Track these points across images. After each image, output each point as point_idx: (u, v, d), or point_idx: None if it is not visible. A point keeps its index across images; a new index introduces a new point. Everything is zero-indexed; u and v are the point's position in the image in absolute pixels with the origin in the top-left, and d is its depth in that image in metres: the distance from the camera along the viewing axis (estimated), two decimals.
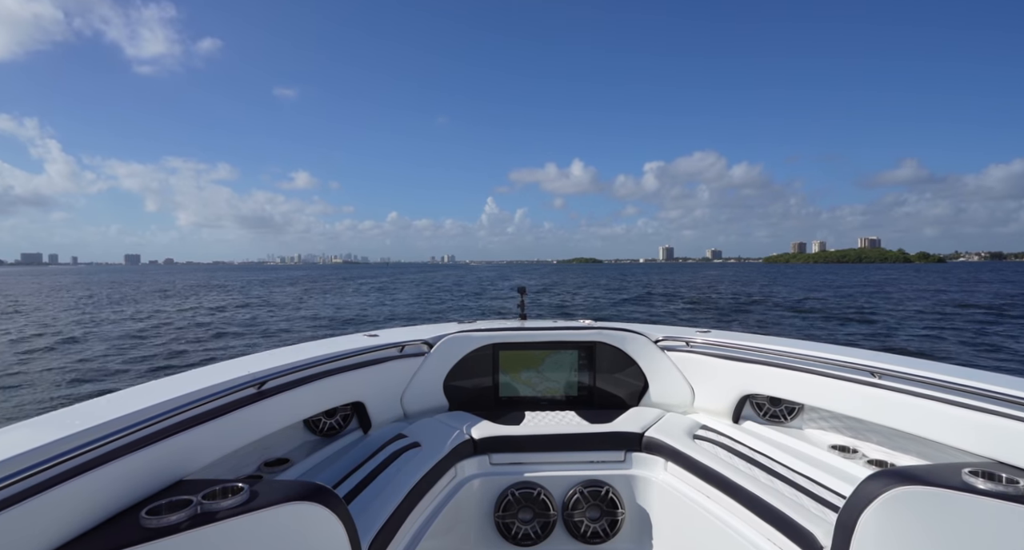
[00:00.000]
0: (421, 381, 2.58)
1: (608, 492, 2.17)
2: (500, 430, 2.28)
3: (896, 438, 1.92)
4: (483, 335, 2.70)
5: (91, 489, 1.09)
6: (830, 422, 2.21)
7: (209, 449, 1.46)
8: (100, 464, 1.12)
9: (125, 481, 1.17)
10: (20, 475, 0.95)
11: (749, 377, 2.36)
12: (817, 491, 1.75)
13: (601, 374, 2.72)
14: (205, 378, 1.61)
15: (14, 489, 0.95)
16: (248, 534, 1.12)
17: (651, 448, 2.23)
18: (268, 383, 1.76)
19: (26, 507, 0.95)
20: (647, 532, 2.17)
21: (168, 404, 1.35)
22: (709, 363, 2.54)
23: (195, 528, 1.05)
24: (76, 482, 1.05)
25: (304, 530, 1.20)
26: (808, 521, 1.51)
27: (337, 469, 1.93)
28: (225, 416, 1.52)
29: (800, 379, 2.13)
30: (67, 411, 1.30)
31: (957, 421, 1.58)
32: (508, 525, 2.14)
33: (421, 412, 2.57)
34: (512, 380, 2.71)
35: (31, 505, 0.96)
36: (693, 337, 2.66)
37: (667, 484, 2.12)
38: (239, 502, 1.14)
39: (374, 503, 1.61)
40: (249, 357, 2.05)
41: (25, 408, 7.96)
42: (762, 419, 2.42)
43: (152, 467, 1.25)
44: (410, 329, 3.02)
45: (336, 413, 2.26)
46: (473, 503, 2.15)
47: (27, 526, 0.95)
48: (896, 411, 1.77)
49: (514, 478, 2.18)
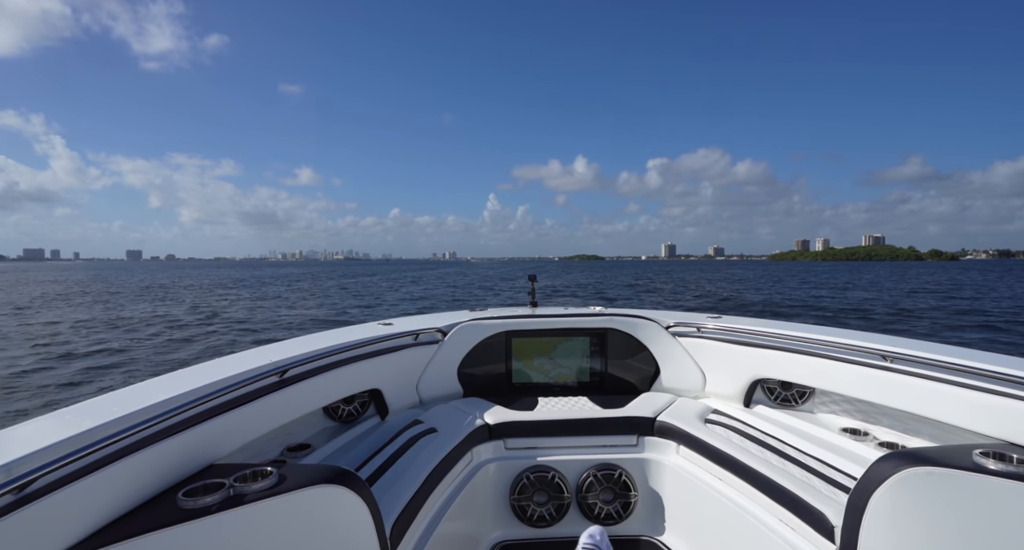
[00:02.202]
0: (436, 368, 2.63)
1: (621, 475, 2.22)
2: (514, 415, 2.32)
3: (908, 421, 1.94)
4: (495, 323, 2.74)
5: (130, 473, 1.14)
6: (841, 405, 2.23)
7: (237, 435, 1.52)
8: (138, 449, 1.17)
9: (161, 465, 1.23)
10: (65, 460, 1.00)
11: (760, 362, 2.37)
12: (828, 473, 1.78)
13: (613, 360, 2.75)
14: (231, 366, 1.66)
15: (60, 473, 1.00)
16: (278, 515, 1.17)
17: (663, 432, 2.26)
18: (290, 371, 1.81)
19: (72, 490, 1.01)
20: (660, 513, 2.22)
21: (198, 392, 1.41)
22: (720, 348, 2.56)
23: (228, 509, 1.10)
24: (116, 466, 1.11)
25: (330, 511, 1.25)
26: (819, 502, 1.54)
27: (357, 454, 1.99)
28: (251, 403, 1.58)
29: (811, 363, 2.15)
30: (104, 398, 1.36)
31: (968, 403, 1.58)
32: (524, 507, 2.19)
33: (436, 398, 2.62)
34: (525, 367, 2.75)
35: (77, 488, 1.02)
36: (704, 323, 2.67)
37: (679, 467, 2.16)
38: (269, 485, 1.19)
39: (394, 486, 1.66)
40: (271, 346, 2.11)
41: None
42: (773, 403, 2.44)
43: (185, 452, 1.31)
44: (424, 317, 3.07)
45: (354, 400, 2.31)
46: (489, 486, 2.20)
47: (74, 508, 1.01)
48: (908, 394, 1.78)
49: (528, 462, 2.23)
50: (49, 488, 0.98)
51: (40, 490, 0.97)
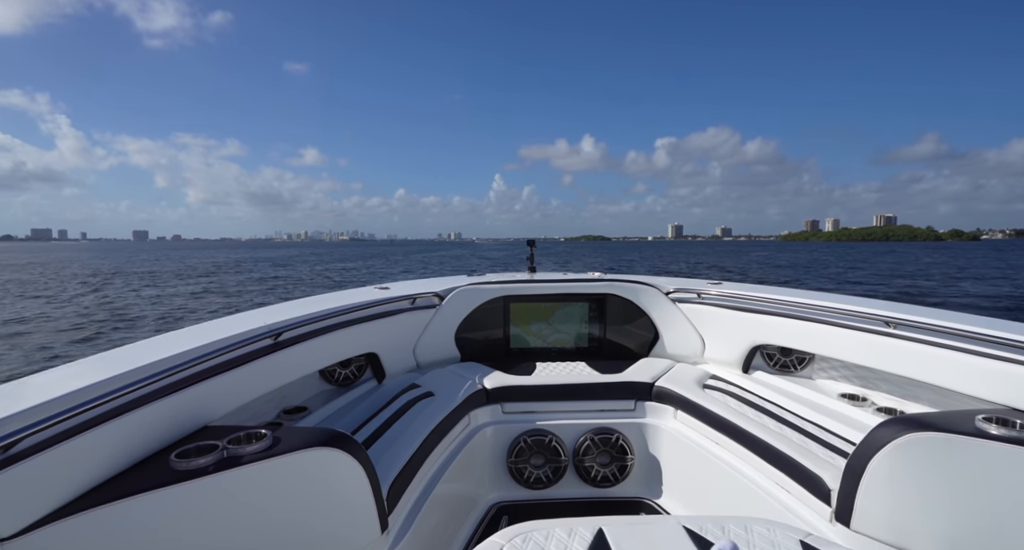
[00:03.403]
0: (433, 333, 2.61)
1: (618, 439, 2.23)
2: (512, 380, 2.32)
3: (908, 386, 1.93)
4: (494, 287, 2.70)
5: (122, 433, 1.12)
6: (841, 371, 2.22)
7: (231, 397, 1.50)
8: (129, 410, 1.15)
9: (154, 426, 1.21)
10: (53, 420, 0.97)
11: (760, 328, 2.36)
12: (826, 438, 1.78)
13: (612, 326, 2.73)
14: (224, 329, 1.63)
15: (48, 433, 0.98)
16: (273, 477, 1.16)
17: (661, 397, 2.26)
18: (284, 334, 1.78)
19: (61, 450, 0.99)
20: (656, 476, 2.24)
21: (191, 353, 1.38)
22: (720, 314, 2.54)
23: (222, 471, 1.09)
24: (108, 427, 1.09)
25: (326, 474, 1.24)
26: (816, 466, 1.54)
27: (354, 417, 1.99)
28: (244, 366, 1.55)
29: (812, 329, 2.13)
30: (96, 358, 1.33)
31: (970, 369, 1.57)
32: (521, 470, 2.21)
33: (434, 363, 2.61)
34: (523, 332, 2.73)
35: (66, 448, 0.99)
36: (705, 289, 2.65)
37: (676, 431, 2.16)
38: (263, 447, 1.17)
39: (391, 449, 1.66)
40: (264, 309, 2.07)
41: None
42: (772, 369, 2.44)
43: (178, 413, 1.29)
44: (421, 282, 3.03)
45: (351, 363, 2.30)
46: (487, 449, 2.21)
47: (63, 468, 0.99)
48: (908, 359, 1.77)
49: (526, 426, 2.24)
50: (36, 448, 0.96)
51: (27, 450, 0.94)
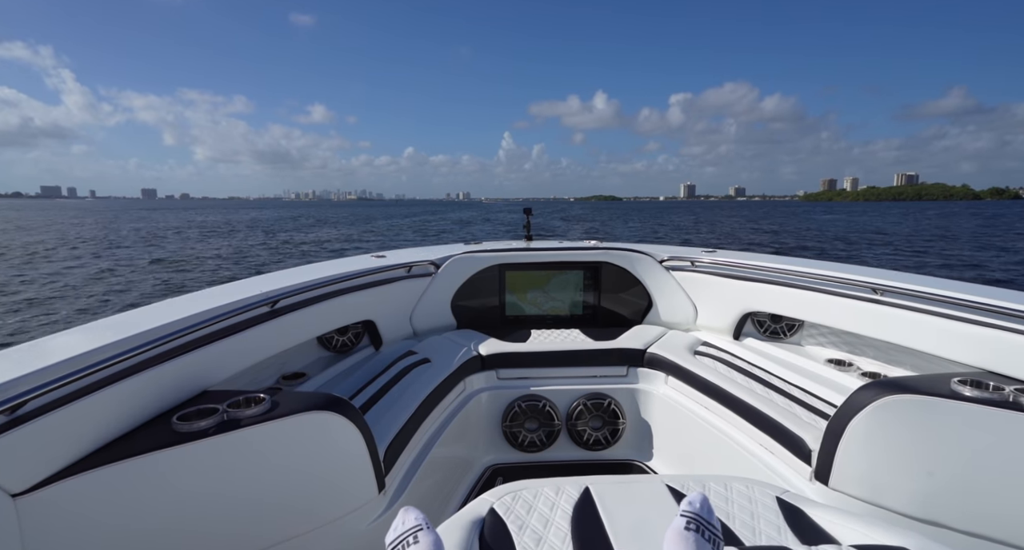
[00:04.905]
0: (429, 300, 2.64)
1: (610, 404, 2.29)
2: (507, 347, 2.36)
3: (892, 352, 1.98)
4: (489, 255, 2.72)
5: (125, 396, 1.16)
6: (828, 338, 2.27)
7: (229, 363, 1.53)
8: (132, 374, 1.18)
9: (155, 390, 1.24)
10: (59, 382, 1.01)
11: (751, 295, 2.39)
12: (810, 401, 1.83)
13: (606, 293, 2.76)
14: (222, 296, 1.66)
15: (54, 395, 1.01)
16: (271, 440, 1.20)
17: (653, 363, 2.31)
18: (281, 302, 1.80)
19: (66, 411, 1.02)
20: (647, 440, 2.31)
21: (190, 319, 1.41)
22: (713, 282, 2.57)
23: (222, 433, 1.13)
24: (111, 389, 1.12)
25: (323, 436, 1.28)
26: (799, 428, 1.60)
27: (351, 383, 2.03)
28: (242, 332, 1.58)
29: (801, 297, 2.16)
30: (98, 323, 1.36)
31: (950, 334, 1.62)
32: (515, 434, 2.28)
33: (430, 330, 2.65)
34: (518, 300, 2.76)
35: (71, 410, 1.03)
36: (699, 257, 2.66)
37: (667, 396, 2.22)
38: (262, 411, 1.21)
39: (388, 414, 1.71)
40: (261, 277, 2.09)
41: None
42: (762, 336, 2.48)
43: (179, 377, 1.32)
44: (417, 250, 3.04)
45: (348, 331, 2.33)
46: (482, 414, 2.28)
47: (68, 429, 1.03)
48: (893, 325, 1.81)
49: (520, 392, 2.29)
50: (42, 409, 0.99)
51: (34, 411, 0.98)
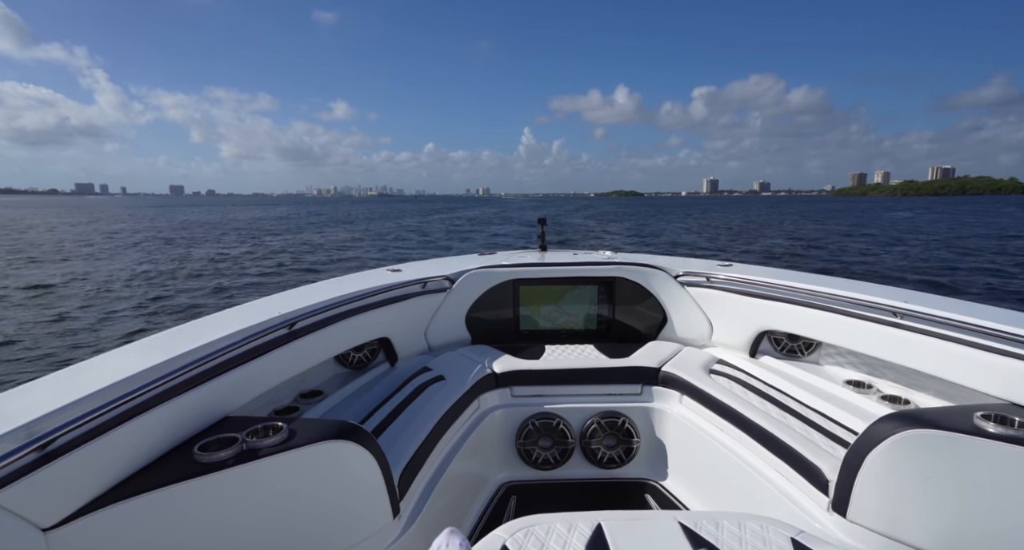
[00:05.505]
0: (444, 316, 2.66)
1: (624, 423, 2.28)
2: (521, 364, 2.37)
3: (913, 376, 1.94)
4: (503, 271, 2.73)
5: (149, 428, 1.19)
6: (847, 358, 2.23)
7: (250, 387, 1.57)
8: (155, 405, 1.22)
9: (179, 419, 1.28)
10: (86, 418, 1.05)
11: (768, 313, 2.36)
12: (828, 427, 1.80)
13: (620, 308, 2.76)
14: (240, 320, 1.69)
15: (81, 430, 1.05)
16: (288, 469, 1.23)
17: (667, 382, 2.30)
18: (298, 323, 1.83)
19: (93, 446, 1.06)
20: (661, 460, 2.30)
21: (211, 346, 1.45)
22: (729, 299, 2.54)
23: (241, 464, 1.16)
24: (136, 422, 1.16)
25: (339, 465, 1.31)
26: (816, 456, 1.57)
27: (367, 401, 2.06)
28: (262, 357, 1.61)
29: (819, 317, 2.13)
30: (119, 352, 1.40)
31: (976, 363, 1.57)
32: (529, 451, 2.29)
33: (444, 345, 2.68)
34: (532, 314, 2.77)
35: (97, 444, 1.06)
36: (714, 272, 2.64)
37: (681, 416, 2.21)
38: (279, 440, 1.24)
39: (403, 434, 1.73)
40: (279, 296, 2.13)
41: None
42: (779, 354, 2.45)
43: (201, 405, 1.36)
44: (432, 263, 3.07)
45: (364, 348, 2.37)
46: (496, 432, 2.29)
47: (95, 463, 1.06)
48: (915, 351, 1.77)
49: (534, 409, 2.30)
50: (71, 445, 1.03)
51: (62, 447, 1.01)
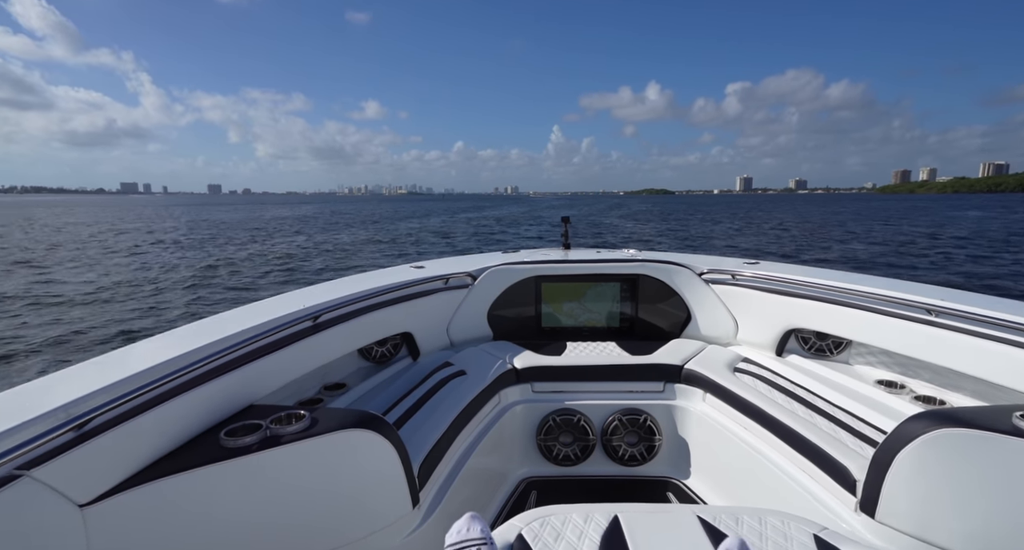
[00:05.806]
0: (466, 312, 2.68)
1: (646, 420, 2.26)
2: (542, 360, 2.37)
3: (949, 376, 1.86)
4: (526, 267, 2.73)
5: (179, 412, 1.24)
6: (879, 357, 2.15)
7: (274, 377, 1.62)
8: (185, 390, 1.27)
9: (207, 405, 1.33)
10: (120, 400, 1.10)
11: (795, 311, 2.30)
12: (857, 426, 1.75)
13: (643, 306, 2.73)
14: (268, 312, 1.75)
15: (115, 412, 1.10)
16: (310, 456, 1.26)
17: (690, 380, 2.26)
18: (322, 316, 1.88)
19: (126, 427, 1.11)
20: (683, 458, 2.27)
21: (239, 336, 1.50)
22: (754, 296, 2.49)
23: (265, 450, 1.19)
24: (167, 406, 1.21)
25: (359, 454, 1.33)
26: (844, 456, 1.52)
27: (389, 394, 2.09)
28: (287, 348, 1.66)
29: (849, 315, 2.06)
30: (154, 340, 1.47)
31: (1016, 362, 1.51)
32: (549, 447, 2.28)
33: (466, 341, 2.69)
34: (554, 311, 2.77)
35: (130, 426, 1.12)
36: (739, 270, 2.59)
37: (705, 414, 2.17)
38: (302, 428, 1.27)
39: (423, 427, 1.75)
40: (305, 290, 2.19)
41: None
42: (807, 353, 2.38)
43: (228, 393, 1.40)
44: (455, 260, 3.10)
45: (387, 342, 2.40)
46: (516, 427, 2.29)
47: (128, 444, 1.11)
48: (951, 350, 1.70)
49: (555, 405, 2.29)
50: (105, 426, 1.08)
51: (97, 427, 1.07)
